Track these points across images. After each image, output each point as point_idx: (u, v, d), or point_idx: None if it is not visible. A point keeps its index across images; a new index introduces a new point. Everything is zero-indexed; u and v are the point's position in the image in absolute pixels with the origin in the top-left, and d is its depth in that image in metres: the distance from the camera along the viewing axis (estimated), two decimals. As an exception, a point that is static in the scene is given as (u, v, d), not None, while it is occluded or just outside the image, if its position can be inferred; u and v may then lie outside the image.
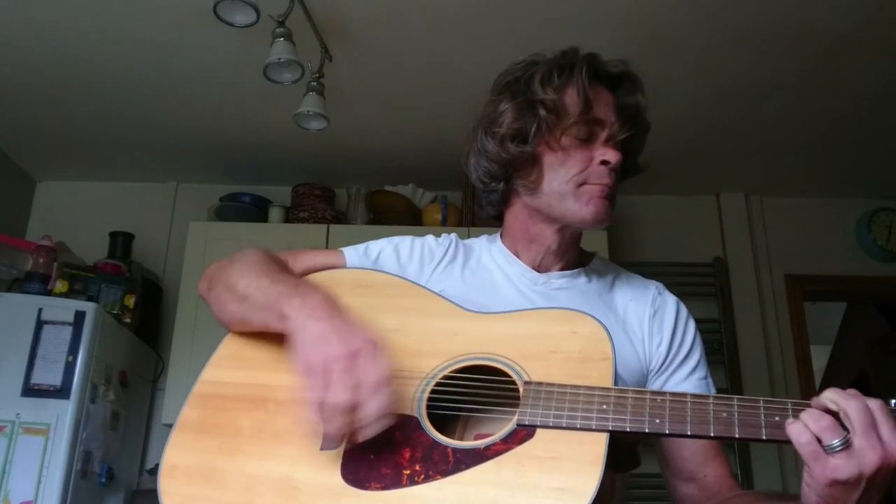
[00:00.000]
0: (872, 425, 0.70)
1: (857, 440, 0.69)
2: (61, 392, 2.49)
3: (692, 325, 1.10)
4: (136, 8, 2.39)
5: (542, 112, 1.03)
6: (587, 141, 1.04)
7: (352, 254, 1.12)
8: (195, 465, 0.88)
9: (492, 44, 2.51)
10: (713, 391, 1.03)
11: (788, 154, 3.30)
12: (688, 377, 1.05)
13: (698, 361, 1.07)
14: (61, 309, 2.60)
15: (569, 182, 1.03)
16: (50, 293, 2.73)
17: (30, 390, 2.48)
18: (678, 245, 3.55)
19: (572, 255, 1.12)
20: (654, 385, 1.05)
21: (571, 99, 1.03)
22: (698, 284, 3.43)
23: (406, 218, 3.33)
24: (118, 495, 2.85)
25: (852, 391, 0.73)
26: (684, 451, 1.01)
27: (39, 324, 2.56)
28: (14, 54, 2.64)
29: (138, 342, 3.05)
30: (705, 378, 1.06)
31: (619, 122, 1.04)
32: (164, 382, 3.16)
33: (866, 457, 0.68)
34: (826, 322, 4.93)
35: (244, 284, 0.97)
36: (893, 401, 0.73)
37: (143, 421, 3.17)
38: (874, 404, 0.71)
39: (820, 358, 4.61)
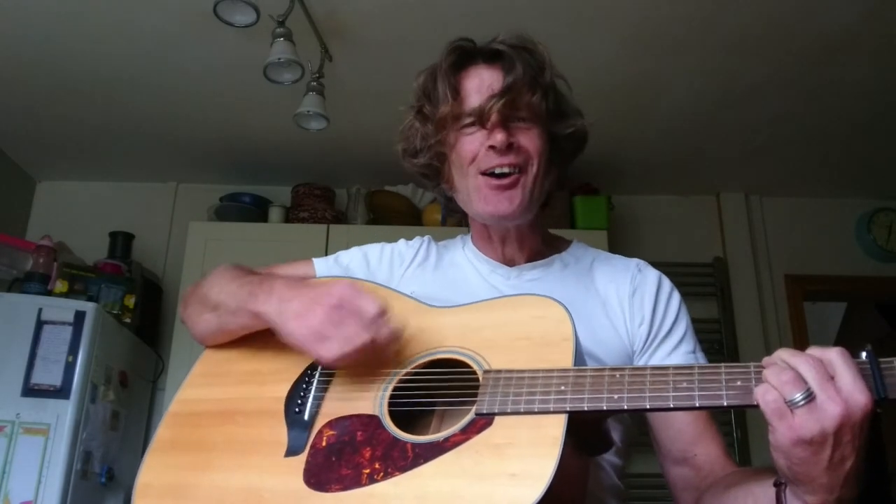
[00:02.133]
0: (827, 378, 0.66)
1: (818, 395, 0.66)
2: (61, 392, 2.48)
3: (675, 299, 1.07)
4: (137, 8, 2.39)
5: (417, 123, 1.05)
6: (470, 129, 1.01)
7: (321, 264, 1.14)
8: (168, 482, 0.89)
9: (492, 44, 2.51)
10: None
11: (788, 154, 3.30)
12: (673, 351, 1.02)
13: (684, 334, 1.04)
14: (61, 309, 2.59)
15: (467, 175, 1.02)
16: (50, 293, 2.73)
17: (30, 390, 2.47)
18: (678, 245, 3.55)
19: (535, 243, 1.11)
20: (640, 363, 1.02)
21: (442, 95, 1.02)
22: (698, 284, 3.43)
23: (406, 218, 3.32)
24: (118, 495, 2.85)
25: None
26: (671, 430, 0.98)
27: (39, 324, 2.55)
28: (14, 55, 2.64)
29: (138, 342, 3.05)
30: (693, 352, 1.03)
31: (499, 101, 0.98)
32: (164, 382, 3.16)
33: (827, 410, 0.65)
34: (826, 322, 4.93)
35: (215, 293, 1.01)
36: (864, 353, 0.69)
37: (143, 421, 3.17)
38: (831, 354, 0.68)
39: (820, 358, 4.60)
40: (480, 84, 1.02)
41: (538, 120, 1.02)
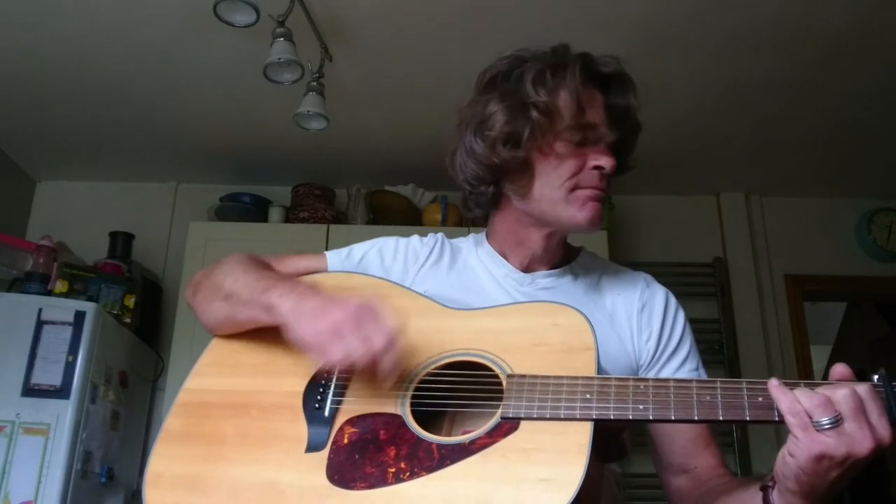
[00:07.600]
0: (861, 410, 0.70)
1: (849, 424, 0.69)
2: (61, 392, 2.48)
3: (681, 316, 1.09)
4: (136, 8, 2.39)
5: (535, 115, 0.98)
6: (580, 145, 1.01)
7: (334, 258, 1.12)
8: (179, 473, 0.89)
9: (491, 44, 2.49)
10: None
11: (788, 154, 3.30)
12: (679, 369, 1.04)
13: (689, 352, 1.06)
14: (61, 309, 2.59)
15: (561, 187, 1.01)
16: (50, 293, 2.73)
17: (30, 390, 2.47)
18: (678, 245, 3.55)
19: (560, 253, 1.12)
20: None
21: (565, 102, 0.99)
22: (698, 284, 3.43)
23: (406, 218, 3.32)
24: (118, 495, 2.85)
25: (842, 382, 0.73)
26: (674, 444, 1.00)
27: (39, 324, 2.55)
28: (14, 55, 2.64)
29: (138, 342, 3.05)
30: (696, 369, 1.06)
31: (611, 125, 1.01)
32: (164, 382, 3.16)
33: (860, 441, 0.69)
34: (826, 322, 4.93)
35: (230, 282, 0.99)
36: (876, 376, 0.73)
37: (143, 421, 3.17)
38: (862, 389, 0.71)
39: (820, 358, 4.61)
40: (598, 105, 1.02)
41: (623, 148, 1.06)
